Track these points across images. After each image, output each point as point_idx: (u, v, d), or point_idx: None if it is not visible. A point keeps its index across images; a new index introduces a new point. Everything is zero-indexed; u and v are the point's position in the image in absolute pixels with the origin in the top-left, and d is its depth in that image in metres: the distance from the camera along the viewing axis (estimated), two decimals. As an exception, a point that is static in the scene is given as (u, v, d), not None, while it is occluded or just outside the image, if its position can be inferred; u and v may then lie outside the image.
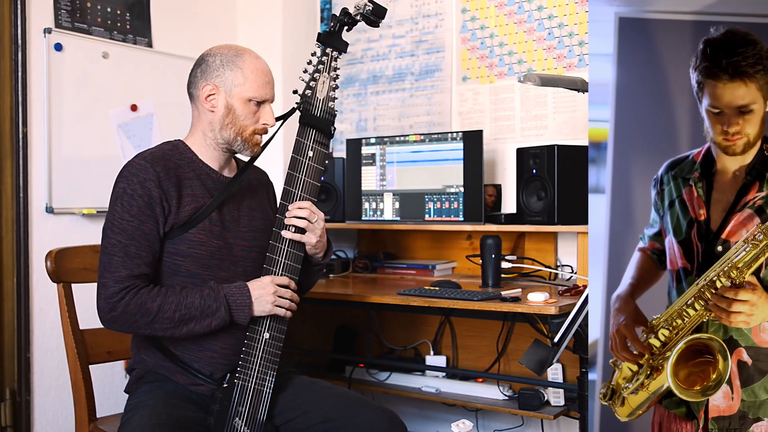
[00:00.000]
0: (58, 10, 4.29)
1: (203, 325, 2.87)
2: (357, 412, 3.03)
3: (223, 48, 3.06)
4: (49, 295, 4.01)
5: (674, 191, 2.78)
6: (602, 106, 3.38)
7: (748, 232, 2.48)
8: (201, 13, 5.18)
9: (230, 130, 3.01)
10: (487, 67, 4.85)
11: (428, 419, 4.94)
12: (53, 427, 4.29)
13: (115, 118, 4.55)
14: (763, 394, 2.58)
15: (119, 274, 2.79)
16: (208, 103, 3.01)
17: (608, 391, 2.87)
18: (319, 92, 3.11)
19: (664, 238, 2.83)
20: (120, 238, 2.83)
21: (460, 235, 4.82)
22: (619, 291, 2.91)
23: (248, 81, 2.99)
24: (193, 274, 2.95)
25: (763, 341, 2.58)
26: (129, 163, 2.93)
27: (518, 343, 4.49)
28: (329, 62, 3.14)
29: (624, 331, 2.75)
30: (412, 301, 3.77)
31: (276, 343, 3.02)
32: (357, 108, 5.41)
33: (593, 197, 3.54)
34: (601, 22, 3.39)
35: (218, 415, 2.90)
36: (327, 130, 3.14)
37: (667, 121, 3.22)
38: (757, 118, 2.50)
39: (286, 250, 3.05)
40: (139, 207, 2.84)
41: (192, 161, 3.04)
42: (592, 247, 3.54)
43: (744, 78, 2.42)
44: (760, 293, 2.44)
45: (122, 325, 2.83)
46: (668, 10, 3.24)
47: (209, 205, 2.98)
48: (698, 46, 2.54)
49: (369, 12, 3.16)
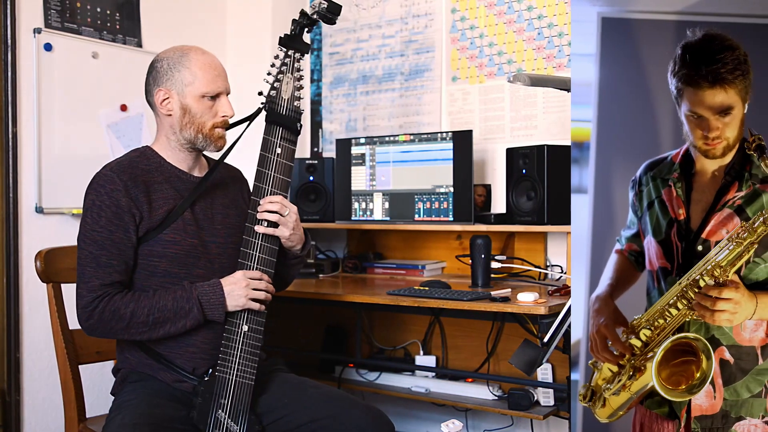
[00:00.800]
0: (47, 10, 4.29)
1: (178, 327, 2.92)
2: (344, 411, 3.04)
3: (169, 51, 3.10)
4: (39, 295, 4.01)
5: (653, 192, 2.79)
6: (584, 106, 3.38)
7: (728, 232, 2.50)
8: (190, 13, 5.18)
9: (190, 129, 3.05)
10: (476, 67, 4.86)
11: (418, 419, 4.94)
12: (43, 427, 4.29)
13: (105, 117, 4.55)
14: (745, 393, 2.59)
15: (92, 284, 2.87)
16: (164, 108, 3.06)
17: (588, 393, 2.87)
18: (283, 92, 3.16)
19: (643, 240, 2.84)
20: (91, 249, 2.90)
21: (450, 235, 4.82)
22: (597, 292, 2.92)
23: (197, 78, 3.03)
24: (170, 273, 2.99)
25: (745, 339, 2.59)
26: (97, 175, 3.00)
27: (508, 343, 4.49)
28: (292, 63, 3.19)
29: (604, 331, 2.76)
30: (401, 301, 3.77)
31: (255, 335, 3.05)
32: (347, 108, 5.41)
33: (575, 197, 3.54)
34: (584, 22, 3.38)
35: (201, 407, 2.93)
36: (293, 127, 3.18)
37: (650, 121, 3.22)
38: (736, 122, 2.51)
39: (260, 244, 3.08)
40: (108, 217, 2.90)
41: (160, 165, 3.08)
42: (574, 247, 3.54)
43: (724, 84, 2.43)
44: (742, 291, 2.46)
45: (101, 332, 2.91)
46: (651, 9, 3.25)
47: (180, 205, 3.03)
48: (676, 51, 2.55)
49: (324, 10, 3.23)
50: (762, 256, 2.53)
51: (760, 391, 2.59)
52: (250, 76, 3.09)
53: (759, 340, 2.59)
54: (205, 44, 3.13)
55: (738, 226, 2.48)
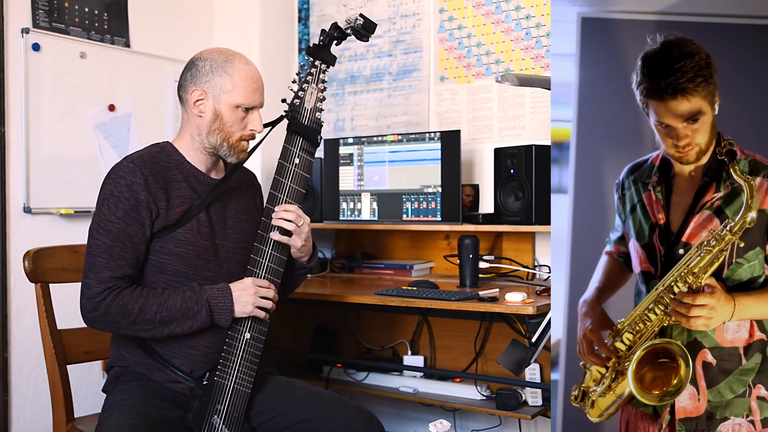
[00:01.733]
0: (35, 10, 4.28)
1: (184, 327, 2.91)
2: (334, 412, 3.05)
3: (214, 52, 3.06)
4: (27, 295, 4.00)
5: (635, 196, 2.81)
6: (564, 106, 3.39)
7: (708, 234, 2.52)
8: (179, 13, 5.17)
9: (217, 135, 3.02)
10: (464, 67, 4.87)
11: (406, 419, 4.95)
12: (31, 427, 4.28)
13: (93, 118, 4.54)
14: (729, 394, 2.61)
15: (103, 275, 2.83)
16: (196, 108, 3.01)
17: (579, 393, 2.89)
18: (307, 102, 3.17)
19: (628, 242, 2.86)
20: (105, 240, 2.86)
21: (438, 235, 4.83)
22: (585, 296, 2.95)
23: (237, 87, 2.99)
24: (178, 273, 2.98)
25: (727, 341, 2.60)
26: (117, 165, 2.95)
27: (496, 343, 4.50)
28: (318, 74, 3.20)
29: (590, 335, 2.79)
30: (389, 301, 3.78)
31: (256, 344, 3.05)
32: (335, 108, 5.42)
33: (555, 197, 3.55)
34: (564, 22, 3.39)
35: (197, 411, 2.93)
36: (314, 138, 3.19)
37: (629, 120, 3.23)
38: (706, 126, 2.51)
39: (270, 252, 3.08)
40: (125, 209, 2.87)
41: (179, 163, 3.06)
42: (554, 248, 3.55)
43: (685, 94, 2.41)
44: (718, 296, 2.48)
45: (104, 325, 2.88)
46: (631, 10, 3.26)
47: (197, 206, 3.01)
48: (637, 63, 2.54)
49: (360, 26, 3.25)
50: (745, 256, 2.55)
51: (743, 390, 2.61)
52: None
53: (742, 341, 2.61)
54: (192, 44, 3.13)
55: (708, 233, 2.50)
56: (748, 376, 2.61)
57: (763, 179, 2.53)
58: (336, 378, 4.74)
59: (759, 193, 2.48)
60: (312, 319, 5.20)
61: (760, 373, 2.62)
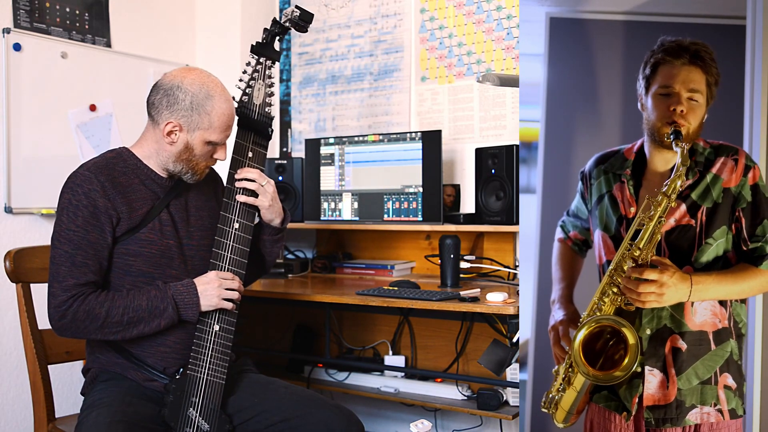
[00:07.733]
0: (16, 10, 4.27)
1: (152, 326, 2.93)
2: (314, 411, 3.06)
3: (195, 84, 2.99)
4: (8, 295, 3.99)
5: (604, 186, 2.85)
6: (533, 106, 3.41)
7: (675, 220, 2.60)
8: (160, 13, 5.16)
9: (183, 164, 3.06)
10: (445, 67, 4.88)
11: (387, 419, 4.95)
12: (12, 427, 4.27)
13: (74, 118, 4.54)
14: (694, 380, 2.65)
15: (67, 283, 2.85)
16: (168, 137, 3.01)
17: (547, 399, 2.92)
18: (255, 98, 3.23)
19: (592, 234, 2.90)
20: (66, 248, 2.88)
21: (419, 235, 4.84)
22: (555, 295, 3.01)
23: (212, 127, 3.00)
24: (144, 273, 3.00)
25: (696, 324, 2.65)
26: (74, 174, 2.98)
27: (477, 343, 4.51)
28: (263, 71, 3.26)
29: (557, 326, 2.88)
30: (370, 301, 3.79)
31: (226, 335, 3.08)
32: (316, 108, 5.42)
33: (524, 197, 3.57)
34: (532, 22, 3.41)
35: (172, 405, 2.96)
36: (265, 132, 3.26)
37: (597, 120, 3.26)
38: (699, 112, 2.62)
39: (231, 245, 3.13)
40: (84, 217, 2.89)
41: (137, 167, 3.06)
42: (522, 247, 3.57)
43: (700, 64, 2.59)
44: (671, 272, 2.52)
45: (74, 332, 2.90)
46: (599, 10, 3.28)
47: (157, 205, 3.05)
48: (647, 52, 2.67)
49: (297, 18, 3.31)
50: (713, 235, 2.60)
51: (709, 377, 2.64)
52: (219, 77, 3.07)
53: (710, 325, 2.65)
54: (173, 44, 3.12)
55: (646, 200, 2.57)
56: (715, 363, 2.65)
57: (727, 158, 2.64)
58: (317, 378, 4.75)
59: (724, 173, 2.61)
60: (293, 319, 5.19)
61: (728, 362, 2.67)
